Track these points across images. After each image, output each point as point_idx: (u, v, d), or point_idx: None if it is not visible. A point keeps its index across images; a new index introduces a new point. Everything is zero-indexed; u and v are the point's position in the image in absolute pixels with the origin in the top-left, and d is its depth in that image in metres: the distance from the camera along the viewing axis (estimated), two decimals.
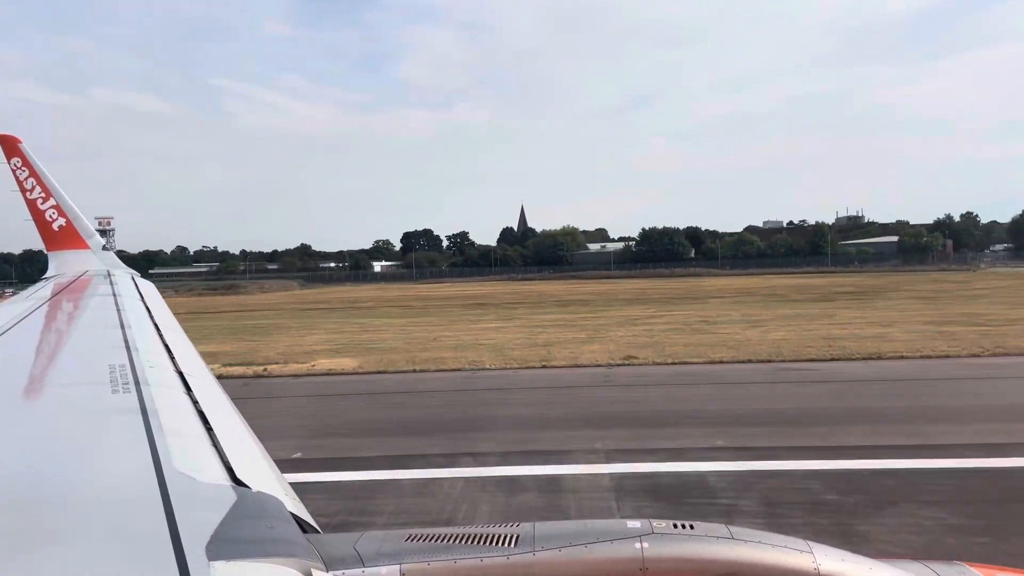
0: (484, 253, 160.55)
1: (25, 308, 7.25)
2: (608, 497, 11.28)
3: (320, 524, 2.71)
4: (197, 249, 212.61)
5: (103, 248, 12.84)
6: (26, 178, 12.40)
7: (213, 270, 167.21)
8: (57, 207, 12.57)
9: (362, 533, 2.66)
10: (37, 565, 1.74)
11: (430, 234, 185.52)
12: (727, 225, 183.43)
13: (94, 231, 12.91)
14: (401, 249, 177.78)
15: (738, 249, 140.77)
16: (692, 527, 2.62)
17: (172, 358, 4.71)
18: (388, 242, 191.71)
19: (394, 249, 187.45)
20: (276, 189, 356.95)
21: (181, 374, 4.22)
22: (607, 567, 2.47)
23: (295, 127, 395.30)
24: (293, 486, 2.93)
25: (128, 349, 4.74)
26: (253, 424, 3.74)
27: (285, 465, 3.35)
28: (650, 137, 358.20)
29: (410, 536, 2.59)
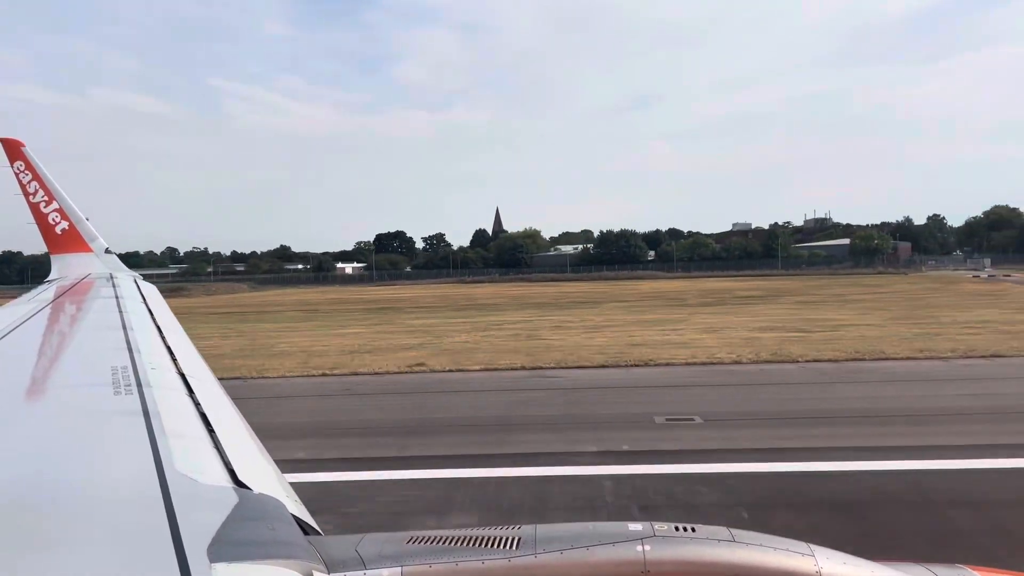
0: (445, 256, 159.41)
1: (28, 310, 7.28)
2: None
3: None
4: (187, 250, 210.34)
5: (105, 251, 12.86)
6: (29, 181, 12.44)
7: (180, 271, 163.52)
8: (60, 210, 12.60)
9: (363, 535, 2.65)
10: (39, 566, 1.74)
11: (403, 236, 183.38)
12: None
13: (97, 234, 12.94)
14: (375, 251, 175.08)
15: (694, 252, 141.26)
16: (694, 529, 2.63)
17: (174, 360, 4.72)
18: (369, 243, 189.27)
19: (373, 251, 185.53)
20: (272, 190, 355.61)
21: (183, 376, 4.23)
22: (609, 570, 2.47)
23: (294, 128, 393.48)
24: (294, 487, 2.94)
25: (130, 351, 4.75)
26: None
27: (286, 466, 3.35)
28: (649, 138, 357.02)
29: (412, 538, 2.59)
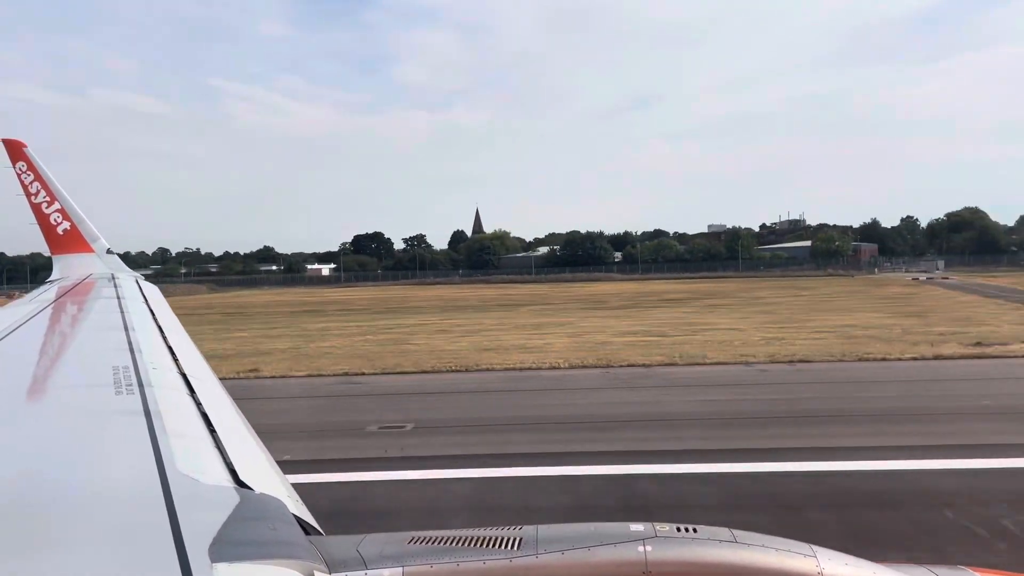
0: (413, 258, 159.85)
1: (30, 311, 7.28)
2: None
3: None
4: (179, 251, 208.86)
5: (107, 252, 12.86)
6: (31, 182, 12.43)
7: (154, 272, 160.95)
8: (62, 211, 12.59)
9: (365, 535, 2.66)
10: (40, 566, 1.74)
11: (381, 237, 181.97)
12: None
13: (98, 234, 12.93)
14: (352, 252, 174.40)
15: (658, 253, 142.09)
16: (695, 530, 2.62)
17: (175, 360, 4.72)
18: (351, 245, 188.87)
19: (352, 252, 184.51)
20: (269, 190, 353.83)
21: (184, 376, 4.23)
22: (610, 570, 2.46)
23: (293, 128, 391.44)
24: (295, 487, 2.94)
25: (131, 351, 4.75)
26: None
27: (287, 466, 3.35)
28: (648, 138, 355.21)
29: (413, 538, 2.59)
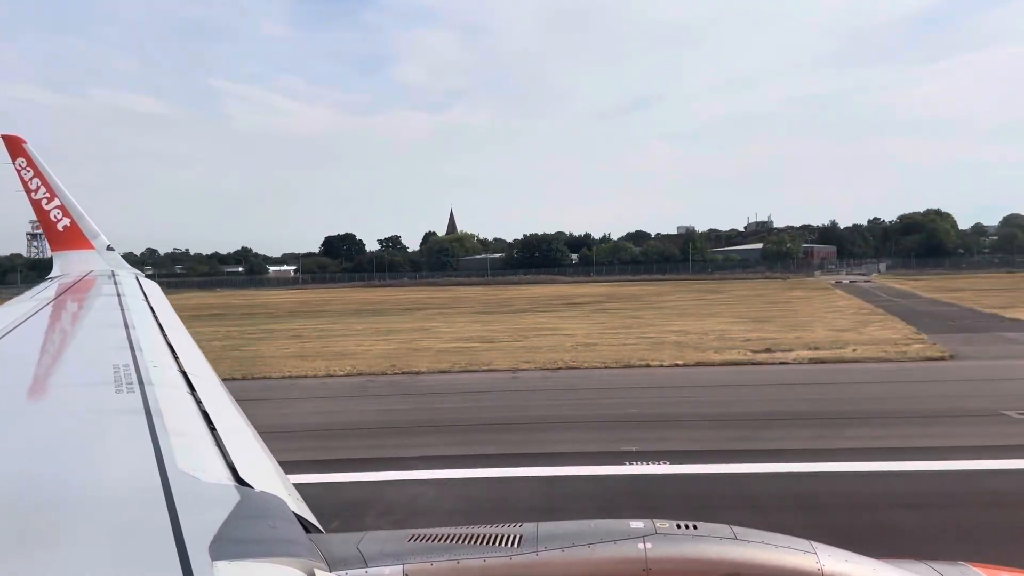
0: (370, 260, 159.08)
1: (30, 308, 7.25)
2: None
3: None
4: (168, 251, 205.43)
5: (107, 248, 12.85)
6: (31, 178, 12.41)
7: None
8: (62, 207, 12.56)
9: (365, 533, 2.66)
10: (41, 564, 1.74)
11: (352, 239, 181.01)
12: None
13: (99, 231, 12.91)
14: (324, 253, 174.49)
15: (614, 256, 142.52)
16: (695, 527, 2.62)
17: (176, 358, 4.72)
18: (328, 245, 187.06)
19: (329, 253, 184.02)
20: (264, 191, 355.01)
21: (185, 374, 4.23)
22: (610, 567, 2.47)
23: (292, 128, 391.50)
24: (295, 487, 2.93)
25: (132, 349, 4.74)
26: None
27: (288, 466, 3.35)
28: (647, 138, 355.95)
29: (413, 536, 2.59)
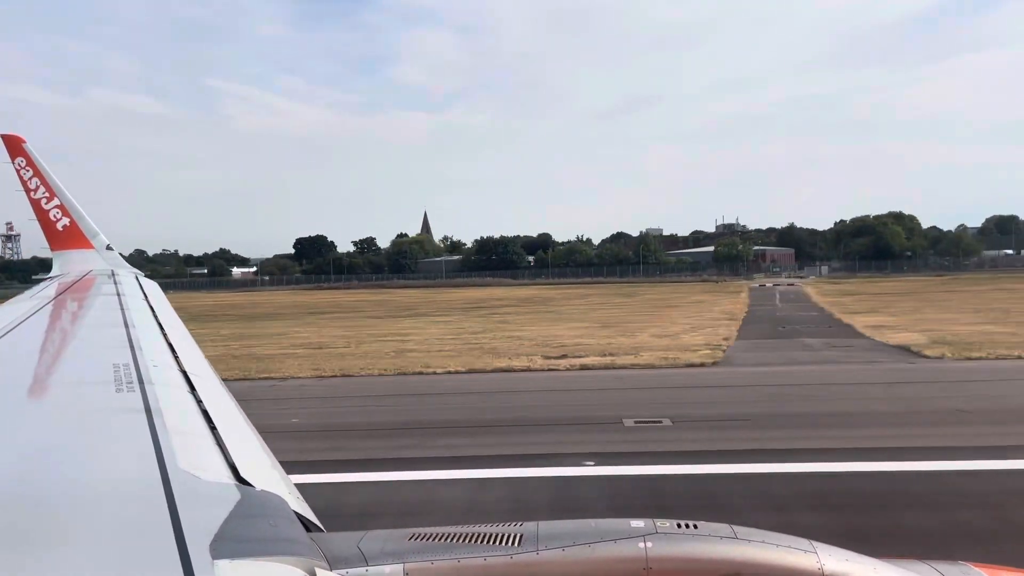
0: (329, 261, 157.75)
1: (29, 307, 7.25)
2: None
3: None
4: (156, 252, 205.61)
5: (107, 248, 12.84)
6: (30, 178, 12.39)
7: None
8: (61, 207, 12.55)
9: (366, 532, 2.65)
10: (41, 563, 1.74)
11: (324, 240, 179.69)
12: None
13: (98, 230, 12.90)
14: (297, 255, 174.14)
15: (569, 258, 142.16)
16: (696, 527, 2.62)
17: (176, 357, 4.71)
18: (306, 245, 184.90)
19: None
20: (263, 190, 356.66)
21: (185, 373, 4.22)
22: (611, 566, 2.46)
23: (290, 128, 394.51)
24: (296, 486, 2.93)
25: (132, 348, 4.74)
26: None
27: (289, 465, 3.35)
28: (645, 140, 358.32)
29: (414, 535, 2.59)
